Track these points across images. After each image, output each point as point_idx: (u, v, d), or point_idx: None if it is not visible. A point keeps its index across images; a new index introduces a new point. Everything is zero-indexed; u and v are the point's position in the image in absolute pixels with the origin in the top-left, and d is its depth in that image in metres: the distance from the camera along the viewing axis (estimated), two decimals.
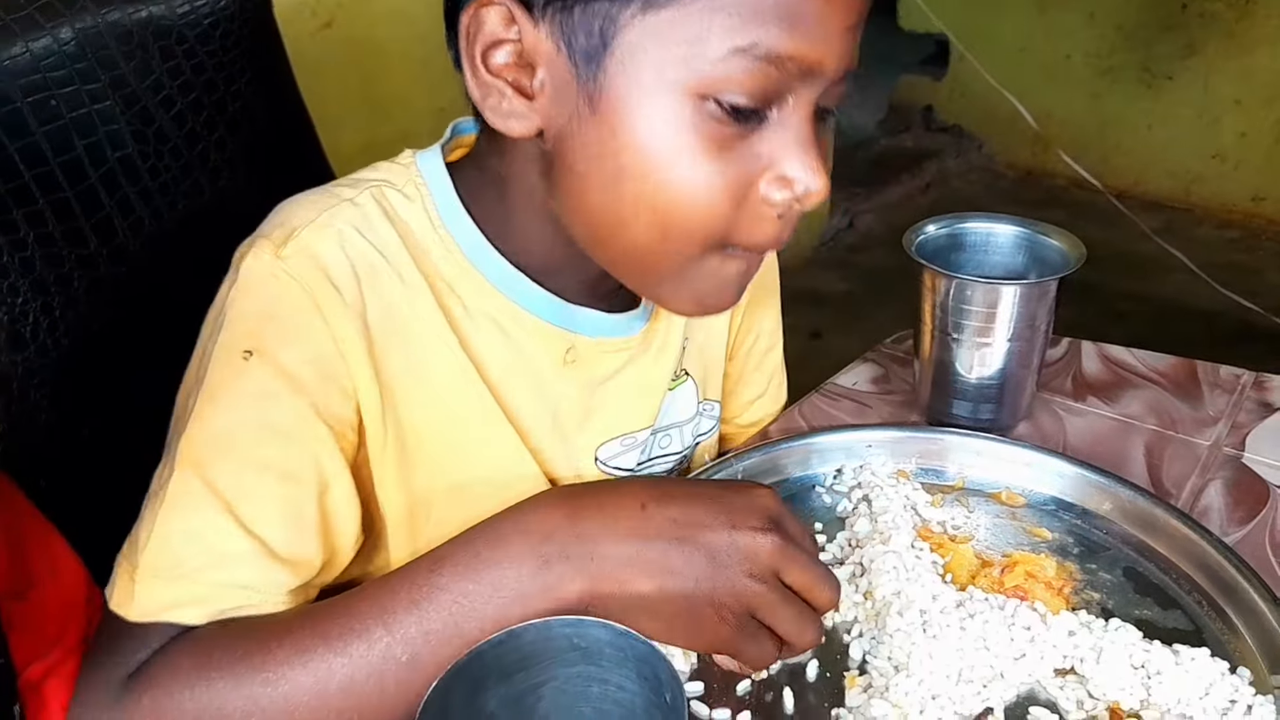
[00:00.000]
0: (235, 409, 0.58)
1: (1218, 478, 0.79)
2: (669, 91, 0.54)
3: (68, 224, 0.76)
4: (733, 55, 0.52)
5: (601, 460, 0.73)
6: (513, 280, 0.65)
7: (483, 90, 0.58)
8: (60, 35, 0.76)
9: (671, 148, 0.55)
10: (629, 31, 0.53)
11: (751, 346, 0.87)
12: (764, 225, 0.58)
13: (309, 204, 0.62)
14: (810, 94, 0.55)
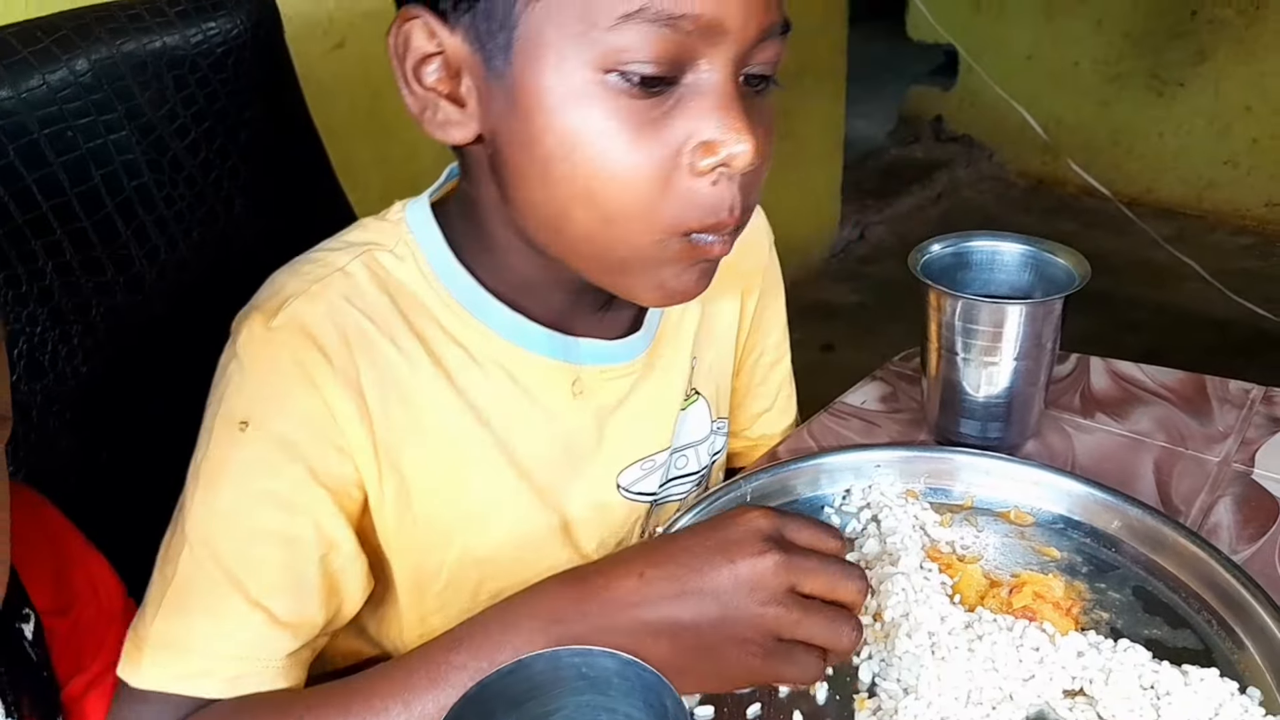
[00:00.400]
0: (236, 481, 0.61)
1: (1227, 494, 0.79)
2: (573, 71, 0.54)
3: (85, 253, 0.78)
4: (623, 23, 0.52)
5: (624, 487, 0.73)
6: (512, 322, 0.66)
7: (419, 104, 0.59)
8: (76, 67, 0.78)
9: (586, 126, 0.55)
10: (527, 20, 0.54)
11: (757, 360, 0.87)
12: (702, 202, 0.57)
13: (301, 274, 0.64)
14: (723, 56, 0.55)
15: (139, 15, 0.82)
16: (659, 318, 0.74)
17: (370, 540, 0.67)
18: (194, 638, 0.60)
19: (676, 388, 0.75)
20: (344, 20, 1.46)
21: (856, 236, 3.20)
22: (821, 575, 0.56)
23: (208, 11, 0.86)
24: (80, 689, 0.61)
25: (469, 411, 0.66)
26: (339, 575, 0.63)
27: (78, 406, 0.79)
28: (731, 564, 0.55)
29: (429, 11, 0.57)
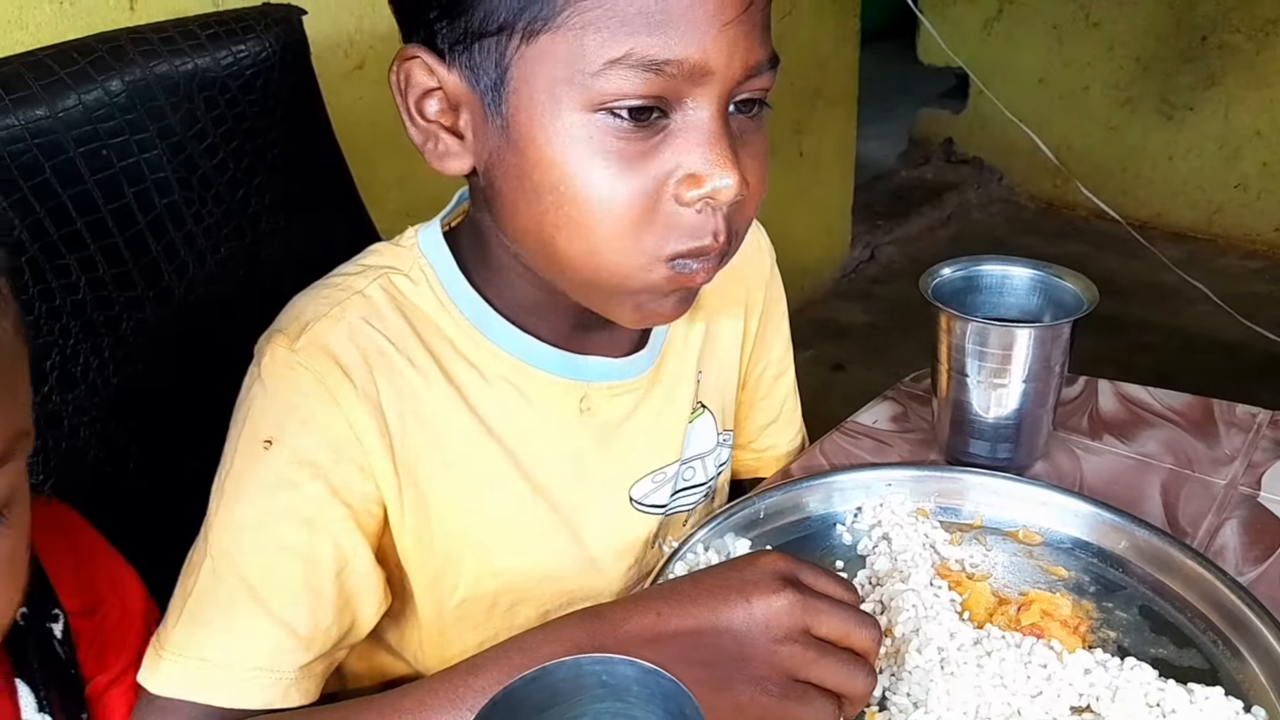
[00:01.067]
0: (258, 497, 0.63)
1: (1233, 517, 0.80)
2: (563, 109, 0.56)
3: (117, 268, 0.80)
4: (610, 67, 0.54)
5: (636, 500, 0.75)
6: (520, 342, 0.68)
7: (421, 136, 0.62)
8: (111, 87, 0.80)
9: (575, 160, 0.57)
10: (519, 61, 0.57)
11: (761, 374, 0.89)
12: (686, 228, 0.58)
13: (321, 298, 0.67)
14: (709, 94, 0.56)
15: (172, 38, 0.85)
16: (664, 335, 0.76)
17: (390, 555, 0.69)
18: (212, 647, 0.62)
19: (683, 402, 0.77)
20: (364, 43, 1.49)
21: (867, 257, 3.22)
22: (836, 618, 0.57)
23: (238, 35, 0.89)
24: (103, 686, 0.64)
25: (482, 428, 0.68)
26: (355, 591, 0.65)
27: (107, 417, 0.81)
28: (747, 603, 0.57)
29: (428, 51, 0.60)
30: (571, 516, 0.73)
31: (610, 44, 0.54)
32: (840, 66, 2.76)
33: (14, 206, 0.73)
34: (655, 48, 0.54)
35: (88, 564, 0.67)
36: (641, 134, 0.56)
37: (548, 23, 0.55)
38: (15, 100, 0.74)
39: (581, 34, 0.54)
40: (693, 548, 0.71)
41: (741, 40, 0.56)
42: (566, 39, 0.55)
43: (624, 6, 0.54)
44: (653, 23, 0.54)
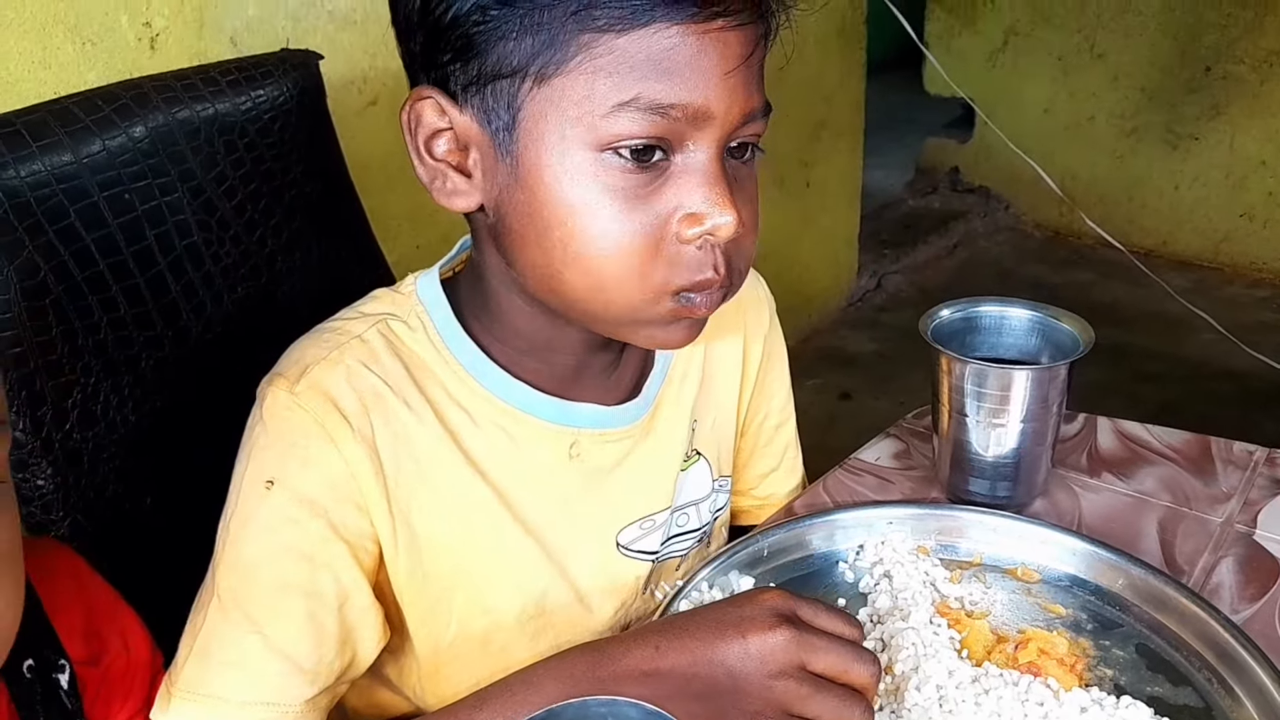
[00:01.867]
0: (262, 535, 0.65)
1: (1229, 554, 0.82)
2: (572, 149, 0.59)
3: (138, 308, 0.82)
4: (618, 110, 0.57)
5: (624, 545, 0.77)
6: (513, 388, 0.71)
7: (429, 174, 0.64)
8: (134, 133, 0.82)
9: (583, 198, 0.60)
10: (530, 103, 0.59)
11: (761, 423, 0.91)
12: (688, 263, 0.61)
13: (320, 342, 0.69)
14: (708, 138, 0.60)
15: (193, 84, 0.87)
16: (659, 385, 0.78)
17: (386, 592, 0.71)
18: (220, 683, 0.64)
19: (676, 450, 0.79)
20: (377, 80, 1.52)
21: (874, 285, 3.24)
22: (833, 654, 0.59)
23: (257, 80, 0.91)
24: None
25: (473, 470, 0.70)
26: (355, 625, 0.67)
27: (126, 454, 0.83)
28: (743, 638, 0.59)
29: (440, 92, 0.62)
30: (560, 559, 0.74)
31: (619, 88, 0.57)
32: (846, 100, 2.79)
33: (39, 250, 0.76)
34: (661, 93, 0.57)
35: (93, 612, 0.68)
36: (645, 174, 0.59)
37: (560, 67, 0.58)
38: (42, 147, 0.76)
39: (592, 78, 0.57)
40: (697, 585, 0.73)
41: (740, 88, 0.59)
42: (578, 82, 0.58)
43: (633, 54, 0.57)
44: (660, 69, 0.57)
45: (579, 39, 0.57)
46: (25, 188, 0.75)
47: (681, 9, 0.56)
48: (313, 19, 1.42)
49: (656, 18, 0.56)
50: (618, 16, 0.56)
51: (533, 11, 0.57)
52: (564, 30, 0.57)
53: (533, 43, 0.58)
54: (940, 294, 3.22)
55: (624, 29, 0.56)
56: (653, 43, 0.57)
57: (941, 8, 3.70)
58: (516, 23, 0.58)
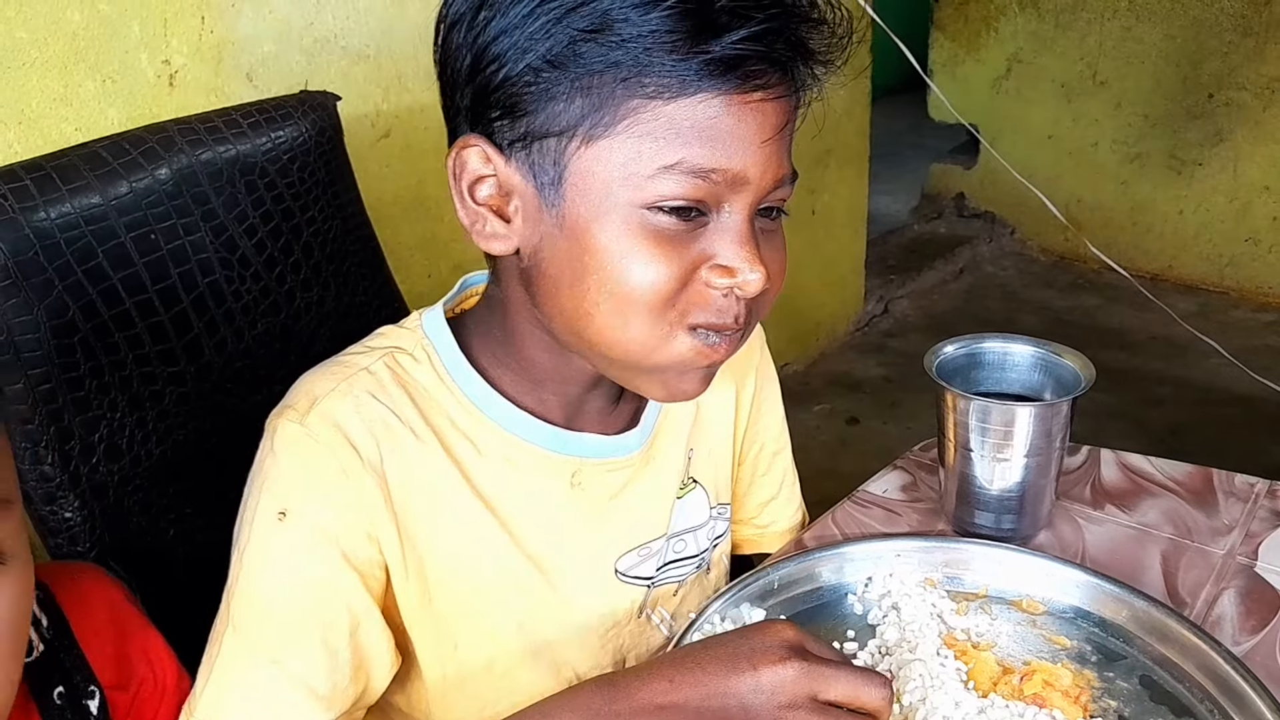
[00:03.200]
0: (274, 567, 0.67)
1: (1231, 586, 0.83)
2: (617, 205, 0.62)
3: (162, 345, 0.84)
4: (662, 172, 0.61)
5: (621, 572, 0.79)
6: (515, 418, 0.73)
7: (470, 218, 0.67)
8: (159, 175, 0.85)
9: (624, 248, 0.62)
10: (577, 161, 0.62)
11: (759, 453, 0.93)
12: (711, 301, 0.64)
13: (329, 375, 0.71)
14: (743, 200, 0.63)
15: (216, 127, 0.90)
16: (656, 415, 0.80)
17: (394, 618, 0.72)
18: (237, 711, 0.65)
19: (672, 479, 0.81)
20: (390, 113, 1.55)
21: (881, 311, 3.26)
22: (843, 681, 0.61)
23: (277, 122, 0.94)
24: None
25: (477, 498, 0.72)
26: (368, 651, 0.69)
27: (149, 486, 0.85)
28: (754, 670, 0.61)
29: (486, 142, 0.64)
30: (560, 585, 0.76)
31: (664, 152, 0.60)
32: (852, 127, 2.82)
33: (69, 289, 0.78)
34: (703, 158, 0.60)
35: (124, 637, 0.70)
36: (684, 227, 0.63)
37: (608, 129, 0.61)
38: (71, 190, 0.79)
39: (639, 142, 0.60)
40: (709, 618, 0.74)
41: (774, 157, 0.63)
42: (624, 145, 0.61)
43: (679, 120, 0.60)
44: (703, 136, 0.60)
45: (627, 104, 0.60)
46: (55, 229, 0.77)
47: (726, 81, 0.60)
48: (327, 55, 1.45)
49: (703, 88, 0.59)
50: (666, 85, 0.59)
51: (583, 76, 0.60)
52: (613, 95, 0.60)
53: (582, 105, 0.61)
54: (947, 319, 3.26)
55: (671, 97, 0.59)
56: (697, 111, 0.60)
57: (945, 35, 3.74)
58: (567, 86, 0.60)
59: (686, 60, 0.59)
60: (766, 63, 0.61)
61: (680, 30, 0.59)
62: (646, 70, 0.59)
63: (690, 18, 0.59)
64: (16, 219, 0.75)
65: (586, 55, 0.60)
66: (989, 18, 3.63)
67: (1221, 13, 3.21)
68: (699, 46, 0.59)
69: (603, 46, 0.59)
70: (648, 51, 0.59)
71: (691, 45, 0.59)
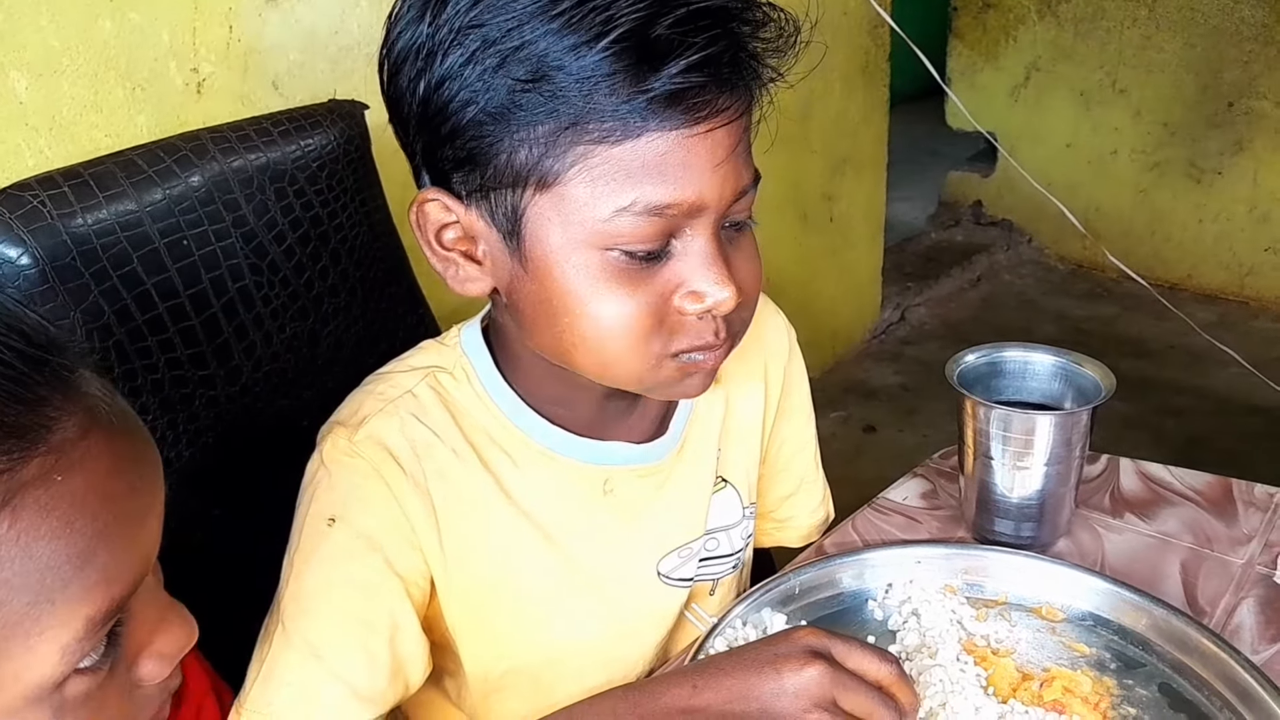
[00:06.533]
0: (322, 569, 0.69)
1: (1250, 596, 0.83)
2: (575, 248, 0.62)
3: (193, 349, 0.86)
4: (617, 214, 0.61)
5: (664, 574, 0.81)
6: (548, 432, 0.75)
7: (442, 264, 0.68)
8: (192, 182, 0.87)
9: (588, 290, 0.63)
10: (533, 207, 0.62)
11: (780, 449, 0.94)
12: (689, 331, 0.65)
13: (376, 395, 0.74)
14: (705, 221, 0.63)
15: (247, 135, 0.92)
16: (685, 420, 0.81)
17: (438, 625, 0.75)
18: (283, 705, 0.67)
19: (705, 479, 0.83)
20: None
21: (898, 318, 3.26)
22: (861, 695, 0.62)
23: (306, 130, 0.95)
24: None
25: (516, 510, 0.74)
26: (406, 657, 0.71)
27: (178, 488, 0.86)
28: (778, 674, 0.62)
29: (444, 193, 0.65)
30: (604, 591, 0.78)
31: (617, 194, 0.60)
32: (870, 135, 2.82)
33: (104, 294, 0.79)
34: (657, 195, 0.60)
35: None
36: (646, 262, 0.63)
37: (559, 177, 0.61)
38: (108, 196, 0.80)
39: (591, 186, 0.60)
40: (731, 623, 0.75)
41: (730, 174, 0.63)
42: (577, 190, 0.61)
43: (628, 161, 0.60)
44: (654, 173, 0.60)
45: (574, 150, 0.60)
46: (92, 235, 0.79)
47: (672, 117, 0.59)
48: (350, 63, 1.47)
49: (649, 127, 0.59)
50: (610, 130, 0.59)
51: (526, 127, 0.60)
52: (558, 143, 0.60)
53: (528, 156, 0.60)
54: (964, 327, 3.26)
55: (617, 140, 0.59)
56: (645, 150, 0.59)
57: (963, 44, 3.74)
58: (511, 139, 0.60)
59: (629, 102, 0.58)
60: (713, 89, 0.60)
61: (619, 70, 0.57)
62: (589, 116, 0.58)
63: (627, 55, 0.57)
64: (54, 225, 0.77)
65: (527, 106, 0.59)
66: (1008, 26, 3.63)
67: (1242, 21, 3.20)
68: (640, 86, 0.58)
69: (542, 96, 0.59)
70: (587, 97, 0.58)
71: (632, 85, 0.58)
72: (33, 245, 0.75)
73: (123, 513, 0.48)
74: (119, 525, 0.47)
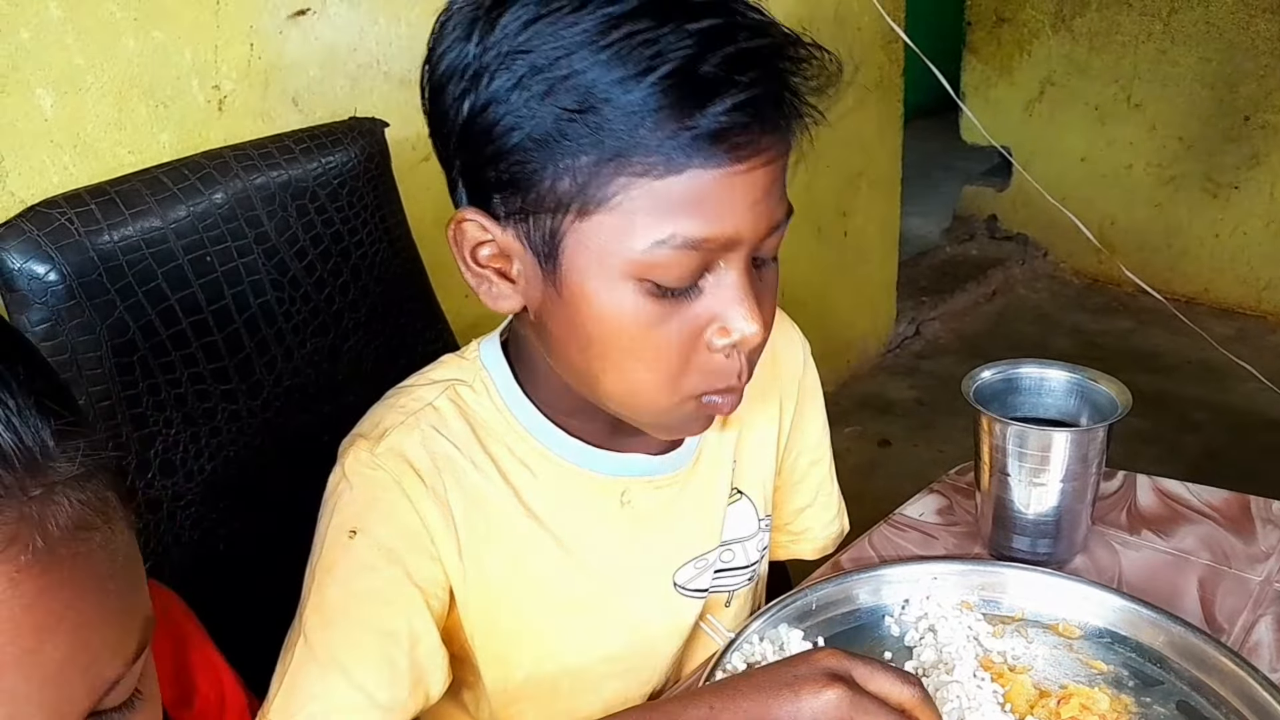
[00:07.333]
0: (343, 581, 0.70)
1: (1269, 613, 0.83)
2: (611, 277, 0.63)
3: (216, 364, 0.87)
4: (655, 246, 0.61)
5: (680, 585, 0.81)
6: (565, 444, 0.75)
7: (476, 280, 0.69)
8: (216, 199, 0.88)
9: (620, 317, 0.64)
10: (571, 234, 0.63)
11: (795, 461, 0.94)
12: (714, 370, 0.66)
13: (398, 408, 0.75)
14: (738, 257, 0.63)
15: (270, 152, 0.93)
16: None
17: (457, 636, 0.76)
18: (306, 715, 0.68)
19: (721, 490, 0.83)
20: None
21: (913, 333, 3.25)
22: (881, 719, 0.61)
23: (327, 147, 0.97)
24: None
25: (535, 522, 0.75)
26: (425, 667, 0.72)
27: (200, 501, 0.88)
28: (795, 697, 0.61)
29: (482, 213, 0.66)
30: (621, 601, 0.79)
31: (656, 227, 0.61)
32: (884, 150, 2.83)
33: (129, 309, 0.81)
34: (695, 229, 0.61)
35: (186, 652, 0.72)
36: (677, 297, 0.64)
37: (601, 204, 0.61)
38: (134, 214, 0.82)
39: (630, 217, 0.61)
40: (748, 638, 0.75)
41: (766, 211, 0.63)
42: (616, 219, 0.61)
43: (668, 196, 0.60)
44: (693, 209, 0.61)
45: (615, 181, 0.60)
46: (118, 251, 0.80)
47: (715, 155, 0.59)
48: (370, 80, 1.48)
49: (691, 164, 0.59)
50: (653, 164, 0.59)
51: (570, 156, 0.60)
52: (600, 174, 0.60)
53: (570, 183, 0.61)
54: (979, 341, 3.25)
55: (659, 175, 0.60)
56: (686, 186, 0.60)
57: (978, 58, 3.74)
58: (554, 166, 0.61)
59: (674, 138, 0.58)
60: (756, 128, 0.60)
61: (665, 106, 0.58)
62: (633, 149, 0.59)
63: (674, 91, 0.58)
64: (81, 241, 0.78)
65: (572, 135, 0.59)
66: (1022, 41, 3.63)
67: (1258, 36, 3.19)
68: (685, 122, 0.58)
69: (588, 127, 0.59)
70: (632, 131, 0.58)
71: (677, 121, 0.58)
72: (60, 262, 0.77)
73: (12, 662, 0.36)
74: (3, 677, 0.36)
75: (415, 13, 1.51)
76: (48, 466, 0.38)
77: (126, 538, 0.44)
